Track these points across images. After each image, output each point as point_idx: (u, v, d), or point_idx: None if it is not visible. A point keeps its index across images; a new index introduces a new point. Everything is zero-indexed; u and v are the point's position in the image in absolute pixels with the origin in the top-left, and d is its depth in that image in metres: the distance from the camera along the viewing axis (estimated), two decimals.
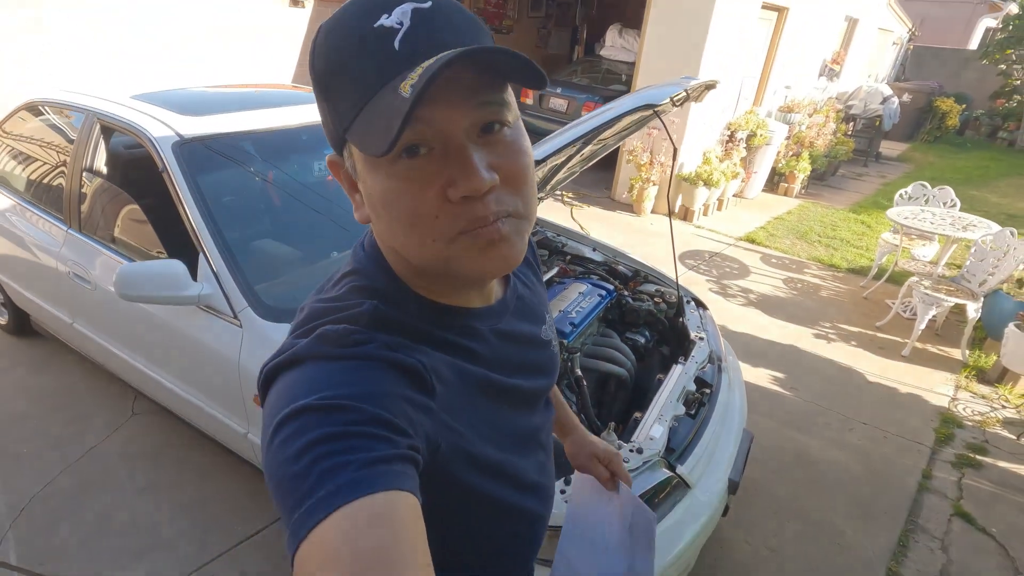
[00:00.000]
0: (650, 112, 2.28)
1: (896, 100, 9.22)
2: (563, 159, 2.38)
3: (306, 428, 0.43)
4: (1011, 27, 10.87)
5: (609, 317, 2.45)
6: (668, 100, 1.68)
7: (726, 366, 2.26)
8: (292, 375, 0.49)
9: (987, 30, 15.11)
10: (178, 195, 1.89)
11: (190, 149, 2.02)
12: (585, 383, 1.96)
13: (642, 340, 2.35)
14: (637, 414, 1.91)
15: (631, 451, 1.66)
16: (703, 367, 2.16)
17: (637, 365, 2.27)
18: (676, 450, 1.76)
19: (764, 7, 5.90)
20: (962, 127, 12.39)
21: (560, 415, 0.98)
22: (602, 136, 2.30)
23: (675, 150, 1.87)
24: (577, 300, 2.28)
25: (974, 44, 14.98)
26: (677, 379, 2.03)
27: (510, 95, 0.50)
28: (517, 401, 0.67)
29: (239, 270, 1.83)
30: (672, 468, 1.67)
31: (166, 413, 2.36)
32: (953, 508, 2.39)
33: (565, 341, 2.04)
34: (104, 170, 2.41)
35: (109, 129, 2.33)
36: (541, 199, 2.73)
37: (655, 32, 5.46)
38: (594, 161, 2.67)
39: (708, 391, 2.05)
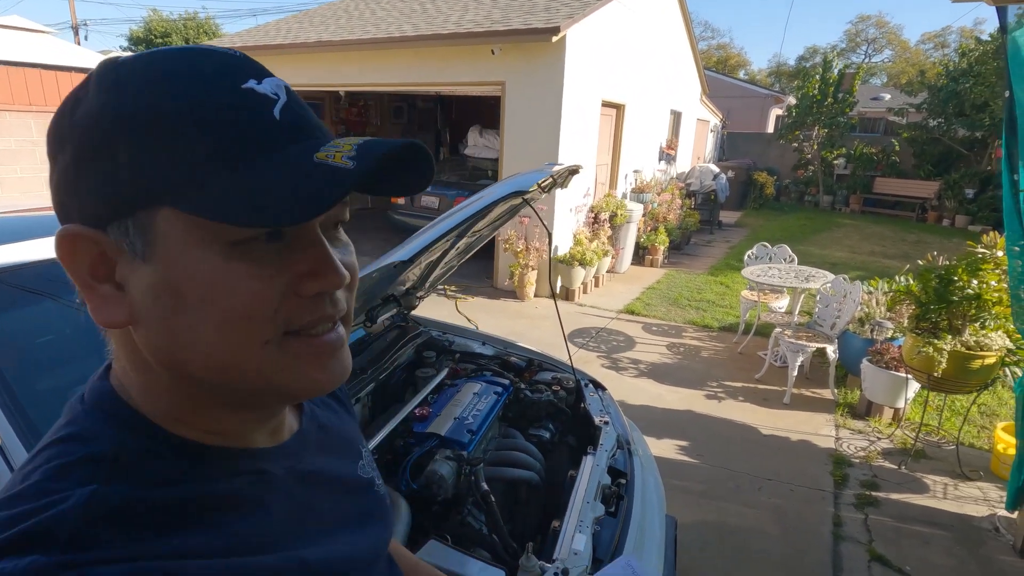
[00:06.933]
0: (520, 200, 2.28)
1: (724, 176, 10.63)
2: (438, 255, 2.27)
3: None
4: (794, 114, 13.32)
5: (509, 415, 2.28)
6: (536, 187, 1.65)
7: (635, 448, 2.16)
8: None
9: (777, 117, 18.38)
10: None
11: None
12: (493, 498, 1.73)
13: (547, 435, 2.19)
14: (555, 523, 1.71)
15: (555, 574, 1.44)
16: (613, 454, 2.04)
17: (545, 463, 2.09)
18: (603, 560, 1.57)
19: (604, 104, 6.59)
20: (778, 194, 14.59)
21: None
22: (475, 228, 2.24)
23: (549, 234, 1.85)
24: (472, 402, 2.09)
25: (770, 128, 18.10)
26: (590, 473, 1.88)
27: None
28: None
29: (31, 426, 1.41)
30: None
31: None
32: (868, 553, 2.41)
33: (465, 453, 1.81)
34: None
35: None
36: (421, 297, 2.58)
37: (512, 132, 5.82)
38: (471, 253, 2.60)
39: (624, 481, 1.92)
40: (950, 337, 2.78)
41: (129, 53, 0.46)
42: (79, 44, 18.26)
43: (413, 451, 1.82)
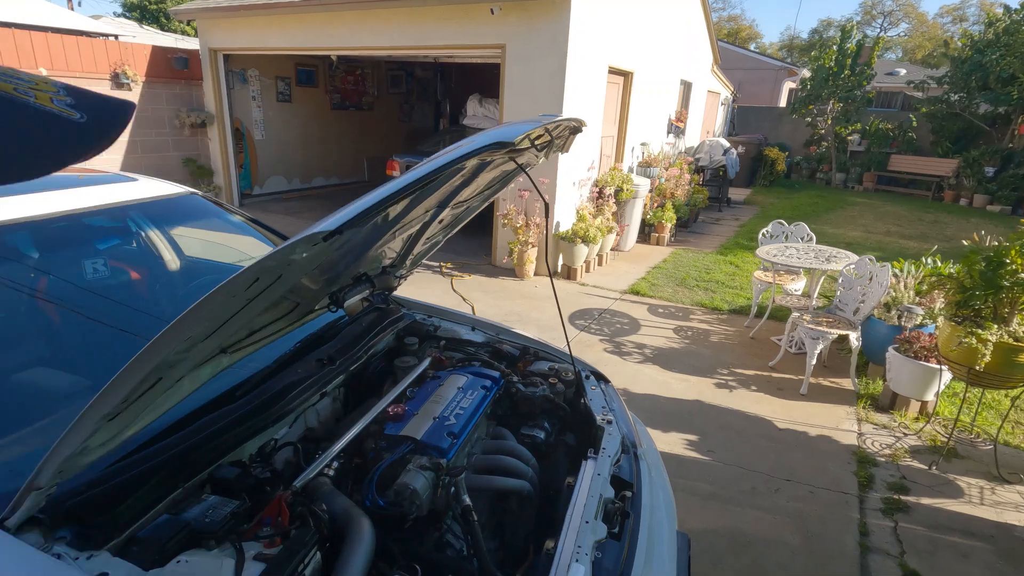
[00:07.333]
0: (514, 166, 1.97)
1: (735, 151, 10.20)
2: (417, 227, 1.98)
3: None
4: (808, 87, 12.79)
5: (499, 411, 2.01)
6: (527, 141, 1.34)
7: (642, 452, 1.89)
8: None
9: (791, 90, 17.76)
10: None
11: None
12: (475, 517, 1.47)
13: (542, 435, 1.92)
14: (548, 543, 1.44)
15: None
16: (617, 460, 1.77)
17: (540, 467, 1.83)
18: None
19: (611, 71, 6.19)
20: (788, 171, 14.12)
21: None
22: (461, 198, 1.94)
23: (546, 205, 1.55)
24: (456, 399, 1.81)
25: (782, 102, 17.50)
26: (590, 484, 1.60)
27: None
28: None
29: None
30: None
31: None
32: (900, 568, 2.16)
33: (444, 461, 1.54)
34: None
35: None
36: (402, 276, 2.28)
37: (512, 100, 5.44)
38: (458, 227, 2.30)
39: (630, 494, 1.65)
40: (996, 327, 2.48)
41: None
42: (72, 9, 17.67)
43: (383, 458, 1.55)
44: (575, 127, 1.59)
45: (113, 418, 1.08)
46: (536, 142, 1.41)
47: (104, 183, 2.19)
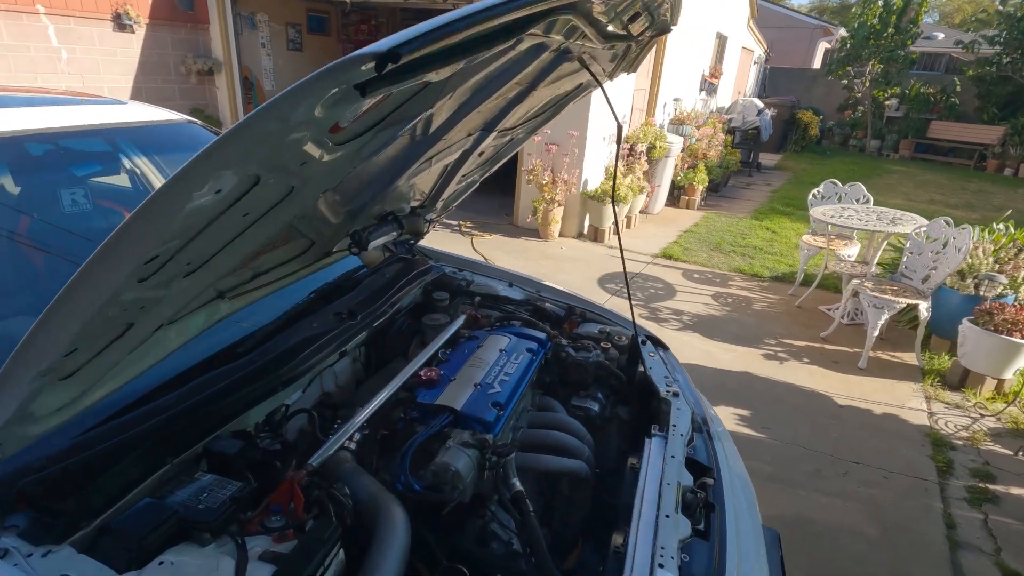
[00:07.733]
0: (575, 85, 1.64)
1: (768, 113, 9.64)
2: (456, 156, 1.66)
3: None
4: (848, 46, 12.05)
5: (545, 379, 1.72)
6: (619, 23, 1.00)
7: (716, 432, 1.61)
8: None
9: (826, 51, 16.87)
10: None
11: None
12: (529, 505, 1.19)
13: (596, 408, 1.63)
14: (616, 539, 1.18)
15: None
16: (690, 440, 1.48)
17: (594, 444, 1.55)
18: None
19: None
20: (820, 136, 13.47)
21: None
22: (507, 124, 1.61)
23: (619, 127, 1.22)
24: (499, 363, 1.52)
25: (816, 63, 16.62)
26: (663, 468, 1.33)
27: None
28: None
29: None
30: None
31: None
32: (998, 567, 1.89)
33: (490, 437, 1.26)
34: None
35: None
36: (432, 221, 1.98)
37: None
38: (497, 166, 1.98)
39: (711, 481, 1.37)
40: None
41: None
42: None
43: (416, 432, 1.27)
44: (663, 21, 1.24)
45: (68, 376, 0.80)
46: (628, 23, 1.07)
47: (87, 104, 1.88)
